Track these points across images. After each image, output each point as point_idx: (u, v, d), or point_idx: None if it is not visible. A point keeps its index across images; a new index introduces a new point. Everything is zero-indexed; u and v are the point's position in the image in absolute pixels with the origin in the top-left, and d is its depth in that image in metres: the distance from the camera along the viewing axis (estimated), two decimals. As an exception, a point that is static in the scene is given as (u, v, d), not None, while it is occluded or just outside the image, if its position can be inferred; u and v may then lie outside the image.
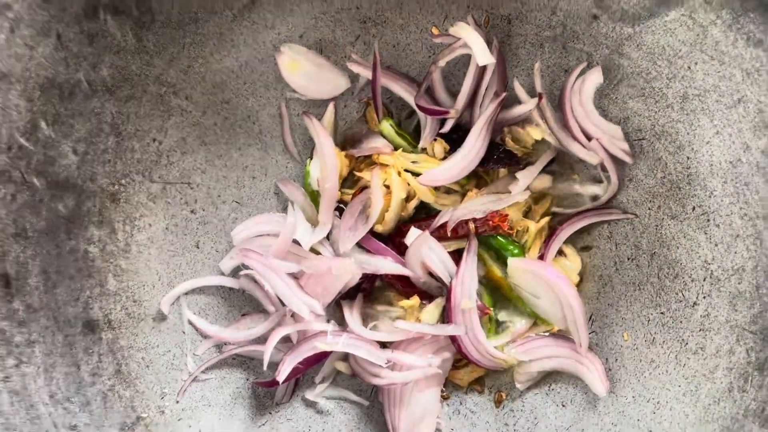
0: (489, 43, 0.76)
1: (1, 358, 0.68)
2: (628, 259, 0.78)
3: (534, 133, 0.79)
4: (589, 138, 0.77)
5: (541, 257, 0.79)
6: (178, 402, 0.78)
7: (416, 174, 0.80)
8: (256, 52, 0.79)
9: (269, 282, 0.78)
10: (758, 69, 0.67)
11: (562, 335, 0.78)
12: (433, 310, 0.79)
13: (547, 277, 0.76)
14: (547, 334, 0.79)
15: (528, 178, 0.78)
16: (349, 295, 0.81)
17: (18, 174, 0.69)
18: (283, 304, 0.78)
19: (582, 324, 0.76)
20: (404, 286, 0.80)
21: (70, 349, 0.72)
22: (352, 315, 0.79)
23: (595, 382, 0.76)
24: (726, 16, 0.68)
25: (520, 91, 0.79)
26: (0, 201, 0.69)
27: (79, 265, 0.74)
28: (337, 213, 0.81)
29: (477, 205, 0.78)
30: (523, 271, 0.77)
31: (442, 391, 0.80)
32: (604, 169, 0.78)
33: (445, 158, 0.80)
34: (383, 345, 0.79)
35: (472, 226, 0.78)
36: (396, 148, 0.81)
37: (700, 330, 0.72)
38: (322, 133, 0.80)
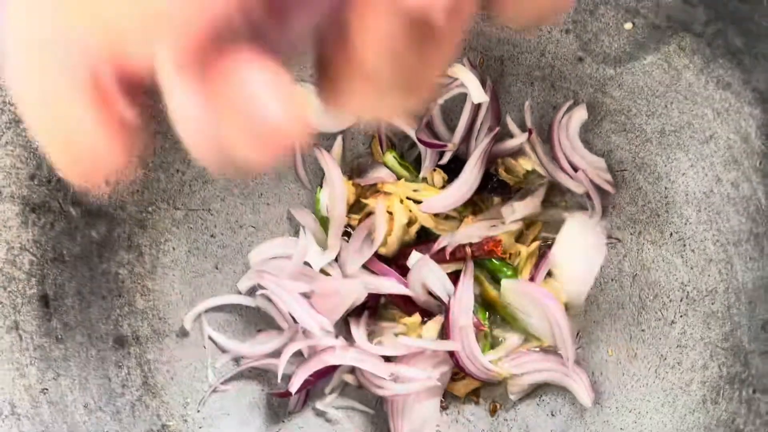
0: (483, 83, 0.82)
1: (41, 371, 0.74)
2: (612, 280, 0.83)
3: (525, 164, 0.84)
4: (575, 169, 0.82)
5: (532, 279, 0.84)
6: (199, 411, 0.83)
7: (417, 201, 0.85)
8: (270, 90, 0.86)
9: (283, 301, 0.83)
10: (727, 109, 0.73)
11: (551, 350, 0.84)
12: (432, 326, 0.83)
13: (537, 297, 0.82)
14: (537, 349, 0.84)
15: (526, 210, 0.83)
16: (355, 312, 0.86)
17: (56, 204, 0.76)
18: (296, 321, 0.83)
19: (569, 340, 0.81)
20: (406, 304, 0.85)
21: (102, 363, 0.79)
22: (358, 331, 0.84)
23: (581, 394, 0.81)
24: (698, 61, 0.74)
25: (512, 126, 0.85)
26: (40, 229, 0.75)
27: (110, 286, 0.80)
28: (345, 237, 0.86)
29: (473, 231, 0.83)
30: (515, 292, 0.83)
31: (441, 402, 0.85)
32: (589, 197, 0.83)
33: (443, 187, 0.86)
34: (387, 359, 0.83)
35: (468, 250, 0.83)
36: (399, 178, 0.87)
37: (677, 346, 0.78)
38: (331, 163, 0.85)
